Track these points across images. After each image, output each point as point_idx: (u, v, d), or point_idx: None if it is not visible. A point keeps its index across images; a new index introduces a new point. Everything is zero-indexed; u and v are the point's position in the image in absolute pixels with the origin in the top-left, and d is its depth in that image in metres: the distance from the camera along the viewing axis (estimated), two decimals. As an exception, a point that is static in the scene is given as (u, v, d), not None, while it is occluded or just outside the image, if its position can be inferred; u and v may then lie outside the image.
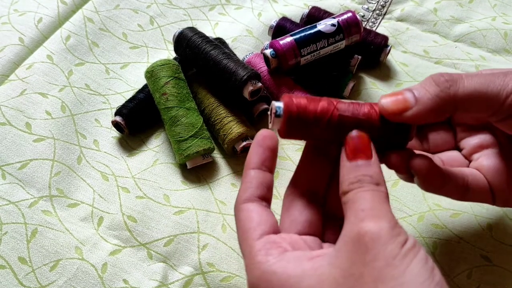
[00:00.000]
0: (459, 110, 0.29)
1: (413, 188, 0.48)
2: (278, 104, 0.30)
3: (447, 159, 0.37)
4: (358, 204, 0.26)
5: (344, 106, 0.30)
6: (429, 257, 0.25)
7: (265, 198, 0.31)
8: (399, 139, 0.32)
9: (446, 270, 0.42)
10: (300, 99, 0.30)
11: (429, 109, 0.29)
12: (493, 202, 0.35)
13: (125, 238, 0.45)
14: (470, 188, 0.34)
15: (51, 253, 0.43)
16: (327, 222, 0.33)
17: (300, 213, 0.31)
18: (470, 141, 0.37)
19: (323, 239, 0.32)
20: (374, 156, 0.29)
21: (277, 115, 0.30)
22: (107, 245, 0.44)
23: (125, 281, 0.42)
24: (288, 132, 0.31)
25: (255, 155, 0.32)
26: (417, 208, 0.46)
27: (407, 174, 0.32)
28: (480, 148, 0.36)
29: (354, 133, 0.29)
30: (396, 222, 0.26)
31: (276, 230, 0.30)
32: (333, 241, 0.30)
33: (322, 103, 0.30)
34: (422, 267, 0.24)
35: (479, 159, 0.36)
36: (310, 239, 0.31)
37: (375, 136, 0.30)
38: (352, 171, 0.28)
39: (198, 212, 0.46)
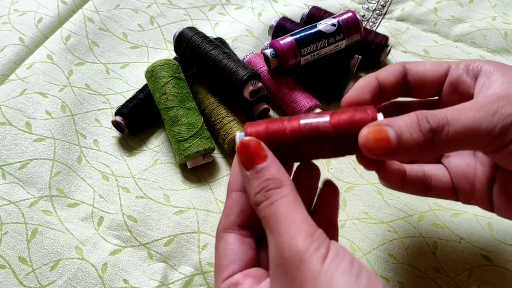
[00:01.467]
0: (444, 153, 0.29)
1: (414, 188, 0.48)
2: (239, 135, 0.30)
3: None
4: (271, 222, 0.26)
5: (298, 121, 0.29)
6: (355, 261, 0.24)
7: (247, 225, 0.31)
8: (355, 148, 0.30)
9: (447, 270, 0.42)
10: (259, 125, 0.30)
11: (410, 155, 0.27)
12: (457, 199, 0.35)
13: (125, 238, 0.45)
14: (433, 188, 0.34)
15: (51, 253, 0.43)
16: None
17: (235, 253, 0.30)
18: None
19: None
20: (269, 156, 0.28)
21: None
22: (107, 245, 0.44)
23: (125, 281, 0.42)
24: None
25: (237, 176, 0.31)
26: (418, 208, 0.46)
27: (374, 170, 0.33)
28: None
29: (243, 141, 0.28)
30: (313, 230, 0.25)
31: (249, 264, 0.29)
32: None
33: (277, 124, 0.29)
34: (346, 276, 0.23)
35: (450, 157, 0.36)
36: (254, 271, 0.30)
37: (332, 145, 0.29)
38: (254, 181, 0.27)
39: (198, 212, 0.46)
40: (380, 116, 0.28)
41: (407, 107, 0.37)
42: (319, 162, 0.50)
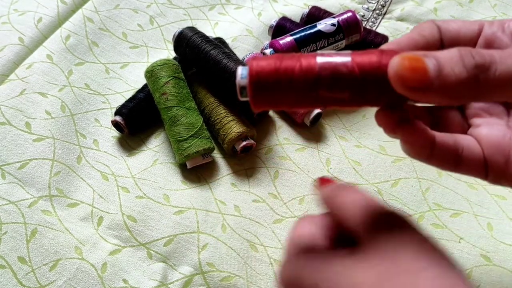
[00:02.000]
0: (487, 99, 0.25)
1: (413, 188, 0.48)
2: (241, 71, 0.25)
3: (444, 120, 0.33)
4: None
5: (314, 60, 0.25)
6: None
7: None
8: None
9: (446, 270, 0.42)
10: (267, 60, 0.25)
11: (449, 95, 0.23)
12: (485, 178, 0.30)
13: (125, 238, 0.45)
14: (463, 161, 0.30)
15: (50, 253, 0.43)
16: None
17: None
18: (476, 103, 0.32)
19: None
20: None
21: (241, 85, 0.25)
22: (107, 245, 0.44)
23: (124, 281, 0.42)
24: (258, 100, 0.25)
25: None
26: (417, 207, 0.46)
27: (396, 135, 0.29)
28: (484, 112, 0.32)
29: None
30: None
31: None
32: None
33: (290, 61, 0.25)
34: None
35: (479, 127, 0.31)
36: None
37: (355, 90, 0.25)
38: None
39: (198, 212, 0.46)
40: None
41: None
42: (318, 162, 0.50)
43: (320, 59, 0.24)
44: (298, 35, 0.50)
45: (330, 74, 0.24)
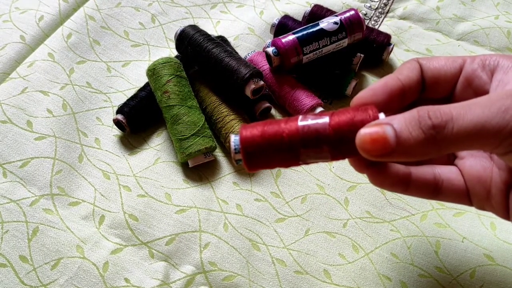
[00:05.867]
0: (448, 152, 0.26)
1: (416, 187, 0.47)
2: (234, 138, 0.28)
3: None
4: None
5: (296, 124, 0.28)
6: None
7: None
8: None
9: (449, 269, 0.42)
10: (254, 128, 0.28)
11: (411, 156, 0.25)
12: (470, 204, 0.32)
13: (127, 236, 0.44)
14: (443, 192, 0.31)
15: (52, 252, 0.43)
16: None
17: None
18: None
19: None
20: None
21: (236, 151, 0.28)
22: (109, 243, 0.44)
23: (126, 280, 0.42)
24: (252, 164, 0.29)
25: None
26: (420, 207, 0.46)
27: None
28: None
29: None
30: None
31: None
32: None
33: (274, 126, 0.28)
34: None
35: (464, 159, 0.32)
36: None
37: (331, 148, 0.28)
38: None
39: (199, 210, 0.46)
40: (381, 115, 0.27)
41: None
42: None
43: (301, 123, 0.28)
44: (300, 34, 0.50)
45: (308, 135, 0.27)
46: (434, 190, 0.31)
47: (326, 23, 0.50)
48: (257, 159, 0.28)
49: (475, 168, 0.31)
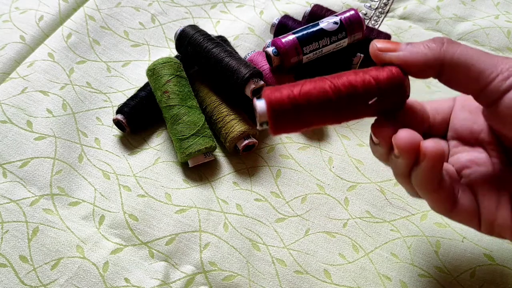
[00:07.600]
0: (444, 73, 0.29)
1: (416, 187, 0.47)
2: (259, 102, 0.28)
3: None
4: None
5: (332, 79, 0.29)
6: None
7: None
8: (396, 97, 0.30)
9: (449, 269, 0.42)
10: (281, 88, 0.28)
11: (415, 57, 0.29)
12: (478, 227, 0.32)
13: (127, 236, 0.44)
14: (459, 203, 0.31)
15: (52, 252, 0.43)
16: None
17: None
18: (462, 157, 0.34)
19: None
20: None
21: (261, 114, 0.28)
22: (109, 243, 0.44)
23: (126, 279, 0.42)
24: (279, 127, 0.29)
25: None
26: (420, 206, 0.46)
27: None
28: (471, 163, 0.33)
29: None
30: None
31: None
32: None
33: (308, 84, 0.29)
34: None
35: (470, 176, 0.33)
36: None
37: (372, 99, 0.30)
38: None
39: (200, 210, 0.46)
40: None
41: None
42: (320, 161, 0.50)
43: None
44: (300, 34, 0.50)
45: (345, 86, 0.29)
46: (453, 197, 0.32)
47: (326, 23, 0.50)
48: (286, 121, 0.28)
49: (484, 182, 0.32)
